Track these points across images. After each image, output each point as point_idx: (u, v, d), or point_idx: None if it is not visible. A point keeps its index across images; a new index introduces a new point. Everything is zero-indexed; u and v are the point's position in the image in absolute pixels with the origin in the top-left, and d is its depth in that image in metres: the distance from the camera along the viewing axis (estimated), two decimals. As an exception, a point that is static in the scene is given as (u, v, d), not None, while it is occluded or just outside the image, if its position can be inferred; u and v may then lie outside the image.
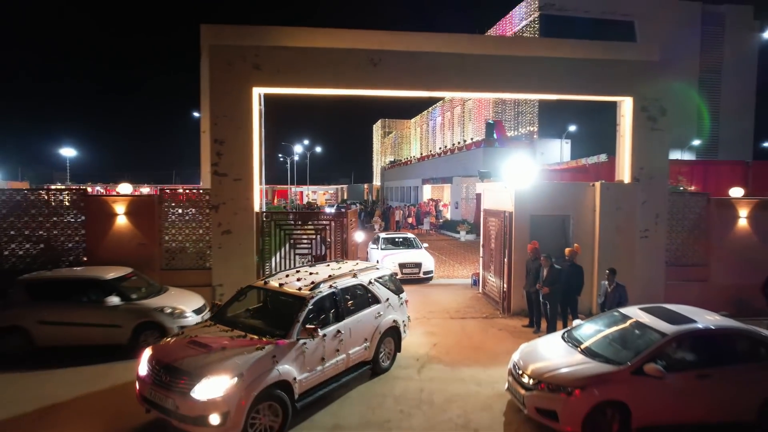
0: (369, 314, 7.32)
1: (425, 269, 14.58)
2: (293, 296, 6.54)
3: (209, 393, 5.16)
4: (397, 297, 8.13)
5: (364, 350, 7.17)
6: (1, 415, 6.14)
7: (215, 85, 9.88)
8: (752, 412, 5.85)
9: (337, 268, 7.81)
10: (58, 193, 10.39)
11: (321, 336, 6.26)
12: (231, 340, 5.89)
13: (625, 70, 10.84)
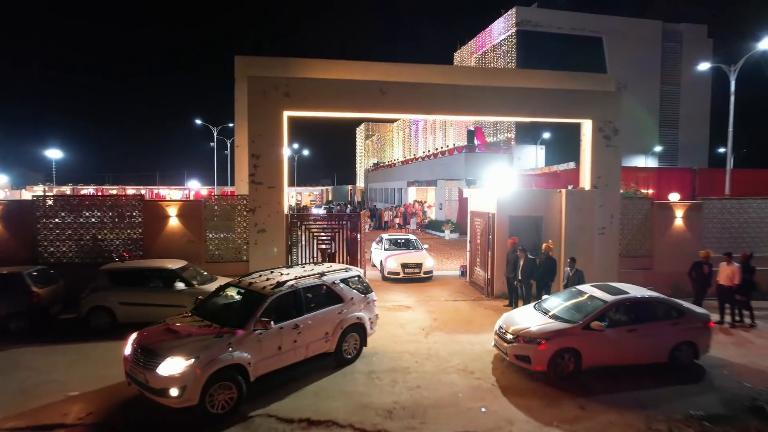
0: (331, 311, 8.09)
1: (425, 269, 15.32)
2: (257, 293, 7.51)
3: (170, 370, 6.20)
4: (364, 296, 8.77)
5: (325, 342, 7.97)
6: (93, 368, 8.05)
7: (252, 110, 11.87)
8: (665, 356, 8.20)
9: (310, 269, 8.72)
10: (118, 198, 12.22)
11: (278, 328, 7.15)
12: (198, 329, 6.96)
13: (586, 98, 13.22)
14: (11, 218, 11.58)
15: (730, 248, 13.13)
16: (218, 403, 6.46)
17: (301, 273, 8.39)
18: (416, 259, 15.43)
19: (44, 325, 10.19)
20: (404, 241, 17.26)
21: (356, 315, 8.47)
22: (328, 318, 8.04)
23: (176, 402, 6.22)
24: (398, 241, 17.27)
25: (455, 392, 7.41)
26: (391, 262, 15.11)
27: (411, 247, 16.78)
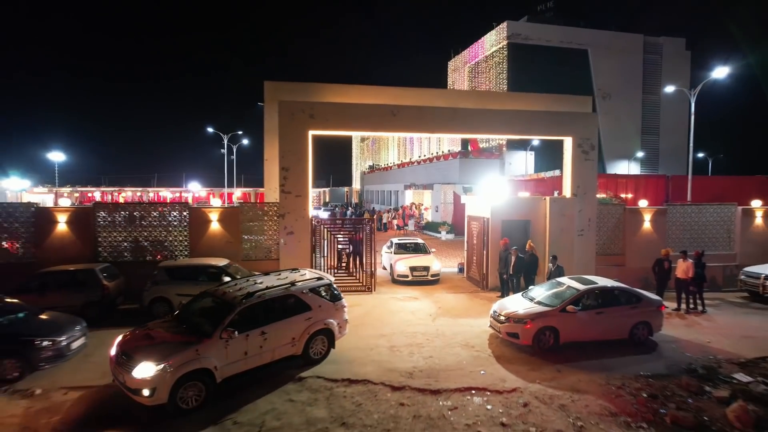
0: (298, 318, 8.68)
1: (433, 272, 15.97)
2: (227, 302, 8.18)
3: (142, 373, 6.92)
4: (333, 303, 9.34)
5: (291, 347, 8.59)
6: None
7: (282, 130, 13.76)
8: (626, 333, 10.23)
9: (284, 278, 9.29)
10: (169, 207, 14.07)
11: (244, 335, 7.83)
12: (172, 335, 7.70)
13: (567, 119, 15.26)
14: (77, 222, 13.38)
15: (691, 247, 15.29)
16: (188, 399, 7.24)
17: (273, 283, 8.94)
18: (424, 262, 16.11)
19: (111, 314, 12.03)
20: (413, 245, 17.79)
21: (324, 321, 9.03)
22: (294, 324, 8.64)
23: (148, 401, 6.96)
24: (407, 245, 17.83)
25: (460, 360, 9.38)
26: (400, 266, 15.91)
27: (419, 251, 17.37)
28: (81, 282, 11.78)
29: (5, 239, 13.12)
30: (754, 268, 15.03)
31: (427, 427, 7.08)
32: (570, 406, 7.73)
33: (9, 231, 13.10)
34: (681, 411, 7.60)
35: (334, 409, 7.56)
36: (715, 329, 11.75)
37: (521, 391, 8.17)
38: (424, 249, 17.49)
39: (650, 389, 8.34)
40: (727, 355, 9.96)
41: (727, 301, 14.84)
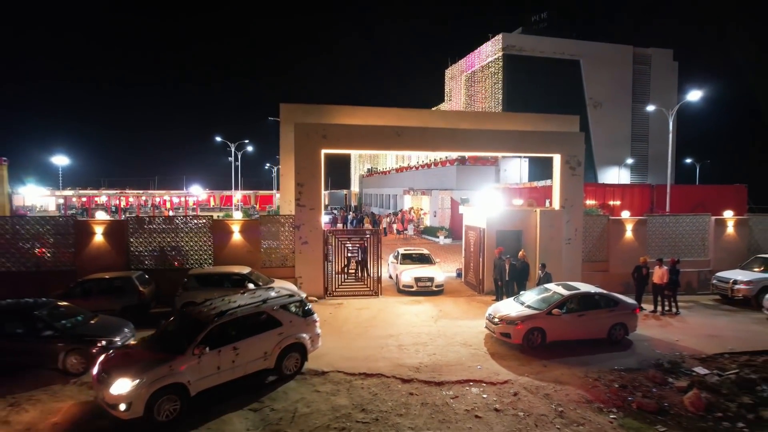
0: (270, 334, 9.08)
1: (437, 283, 16.29)
2: (200, 321, 8.58)
3: (119, 389, 7.39)
4: (304, 319, 9.75)
5: (264, 361, 8.98)
6: None
7: (298, 149, 15.11)
8: (604, 333, 11.62)
9: (258, 295, 9.72)
10: (193, 218, 15.39)
11: (216, 351, 8.25)
12: (149, 353, 8.16)
13: (556, 138, 16.68)
14: (112, 234, 14.69)
15: (669, 254, 16.75)
16: (164, 412, 7.69)
17: (246, 301, 9.37)
18: (428, 273, 16.42)
19: (146, 317, 13.33)
20: (418, 256, 18.00)
21: (296, 336, 9.46)
22: (266, 340, 9.04)
23: (125, 415, 7.41)
24: (413, 255, 17.99)
25: (460, 357, 10.77)
26: (405, 276, 16.21)
27: (424, 261, 17.61)
28: (119, 288, 13.09)
29: (48, 248, 14.42)
30: (725, 273, 16.49)
31: (433, 413, 8.45)
32: (553, 395, 9.12)
33: (52, 241, 14.41)
34: (646, 398, 9.00)
35: (354, 397, 8.92)
36: (684, 329, 13.18)
37: (512, 383, 9.55)
38: (429, 259, 17.76)
39: (622, 381, 9.74)
40: (691, 352, 11.38)
41: (700, 303, 16.29)
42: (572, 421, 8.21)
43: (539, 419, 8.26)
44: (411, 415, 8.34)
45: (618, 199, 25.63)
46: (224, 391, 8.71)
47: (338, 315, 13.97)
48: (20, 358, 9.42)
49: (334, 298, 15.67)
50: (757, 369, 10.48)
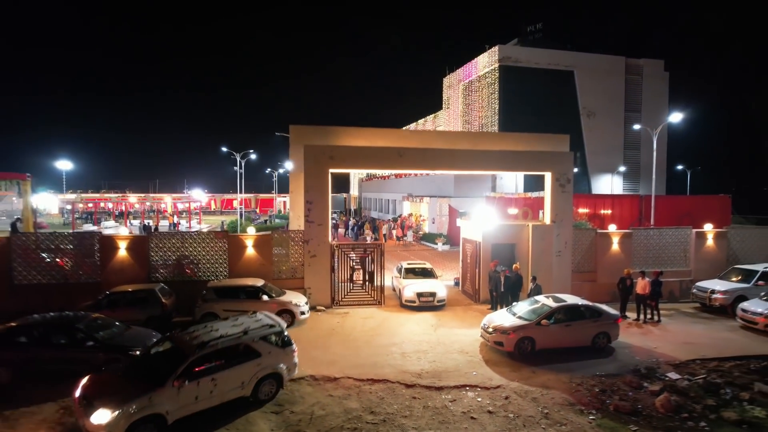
0: (248, 364, 9.32)
1: (439, 298, 16.59)
2: (182, 351, 8.85)
3: (100, 419, 7.62)
4: (282, 349, 9.94)
5: (241, 390, 9.25)
6: None
7: (307, 169, 16.22)
8: (589, 341, 12.75)
9: (239, 324, 9.85)
10: (210, 234, 16.48)
11: (195, 382, 8.52)
12: (130, 382, 8.46)
13: (547, 157, 17.83)
14: (135, 248, 15.78)
15: (653, 265, 17.95)
16: None
17: (227, 331, 9.52)
18: (431, 288, 16.68)
19: (169, 327, 14.41)
20: (421, 270, 18.28)
21: (274, 366, 9.69)
22: (244, 370, 9.30)
23: None
24: (416, 269, 18.26)
25: (457, 364, 11.90)
26: (408, 292, 16.58)
27: (427, 275, 17.89)
28: (144, 300, 14.17)
29: (75, 262, 15.50)
30: (704, 283, 17.67)
31: (434, 415, 9.57)
32: (540, 398, 10.25)
33: (80, 255, 15.50)
34: (622, 401, 10.14)
35: (364, 401, 10.04)
36: (663, 337, 14.34)
37: (504, 388, 10.69)
38: (431, 273, 18.06)
39: (602, 385, 10.88)
40: (666, 358, 12.54)
41: (681, 311, 17.45)
42: (556, 422, 9.34)
43: (527, 420, 9.39)
44: (414, 417, 9.46)
45: (609, 208, 26.79)
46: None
47: (345, 324, 15.08)
48: (66, 366, 10.48)
49: (341, 308, 16.78)
50: (723, 374, 11.63)
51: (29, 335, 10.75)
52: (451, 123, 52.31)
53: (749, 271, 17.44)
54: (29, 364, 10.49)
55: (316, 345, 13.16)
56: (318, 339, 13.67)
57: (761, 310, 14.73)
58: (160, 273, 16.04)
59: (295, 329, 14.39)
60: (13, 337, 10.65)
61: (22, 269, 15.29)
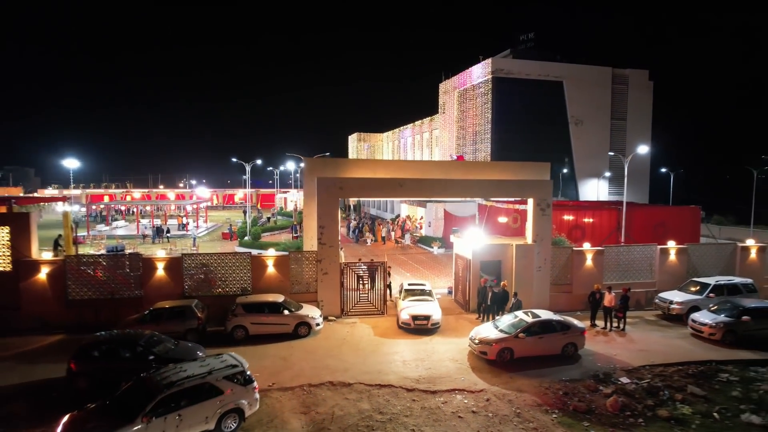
0: (212, 401, 10.42)
1: (433, 321, 17.34)
2: (151, 391, 9.99)
3: None
4: (244, 387, 10.97)
5: (205, 423, 10.31)
6: (253, 360, 14.79)
7: (320, 198, 18.49)
8: (559, 350, 15.20)
9: (206, 365, 11.12)
10: (236, 255, 18.79)
11: (162, 418, 9.60)
12: (105, 419, 9.56)
13: (530, 185, 20.15)
14: (171, 267, 18.09)
15: (623, 277, 20.46)
16: None
17: (194, 371, 10.77)
18: (425, 311, 17.47)
19: (203, 337, 16.77)
20: (420, 290, 19.08)
21: (235, 402, 10.75)
22: (208, 407, 10.41)
23: None
24: (414, 290, 19.06)
25: (449, 370, 14.35)
26: (404, 315, 17.50)
27: (425, 295, 18.72)
28: (182, 314, 16.50)
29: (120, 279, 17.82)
30: (665, 294, 20.18)
31: (429, 414, 12.02)
32: (514, 400, 12.72)
33: (125, 274, 17.81)
34: (580, 402, 12.62)
35: (373, 403, 12.47)
36: (624, 344, 16.84)
37: (486, 391, 13.15)
38: (429, 293, 18.91)
39: (565, 389, 13.36)
40: (622, 364, 15.03)
41: (645, 319, 19.96)
42: (525, 420, 11.82)
43: (502, 419, 11.86)
44: (414, 416, 11.91)
45: (589, 218, 29.09)
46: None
47: (354, 333, 17.50)
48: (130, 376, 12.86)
49: (349, 317, 19.19)
50: (665, 378, 14.15)
51: (100, 350, 13.11)
52: (446, 127, 54.47)
53: (703, 284, 19.96)
54: (101, 374, 12.85)
55: (330, 354, 15.57)
56: (332, 348, 16.07)
57: (707, 320, 17.24)
58: (193, 289, 18.35)
59: (311, 339, 16.83)
60: (87, 352, 13.01)
61: (75, 286, 17.59)
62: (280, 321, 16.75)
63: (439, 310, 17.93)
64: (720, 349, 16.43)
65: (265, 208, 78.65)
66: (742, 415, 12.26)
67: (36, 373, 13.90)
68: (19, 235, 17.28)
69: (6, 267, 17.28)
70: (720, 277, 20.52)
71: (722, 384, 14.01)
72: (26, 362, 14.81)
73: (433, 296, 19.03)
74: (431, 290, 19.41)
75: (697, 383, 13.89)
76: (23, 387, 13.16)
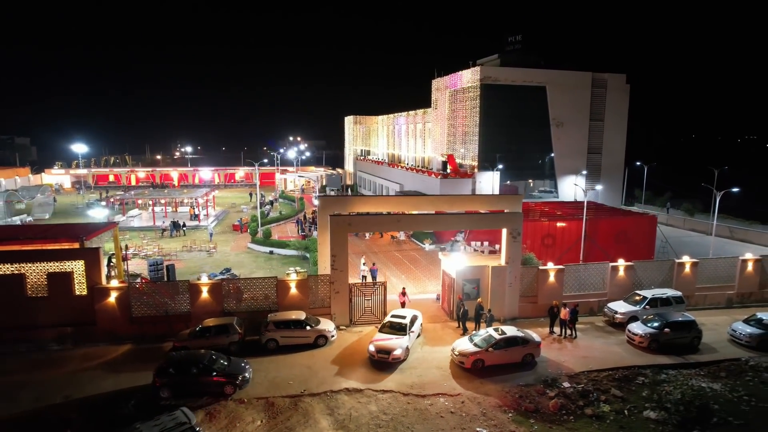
0: None
1: (394, 356, 18.99)
2: None
3: None
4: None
5: None
6: (275, 372, 19.12)
7: (333, 232, 22.36)
8: (519, 359, 19.61)
9: (160, 423, 13.43)
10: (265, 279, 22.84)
11: None
12: None
13: (503, 217, 24.13)
14: (212, 290, 22.10)
15: (580, 290, 24.79)
16: None
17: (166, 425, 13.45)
18: (389, 346, 19.23)
19: (243, 348, 20.96)
20: (398, 325, 20.50)
21: None
22: None
23: None
24: (393, 323, 20.70)
25: (435, 377, 18.71)
26: (370, 346, 19.70)
27: (400, 331, 20.16)
28: (226, 329, 20.65)
29: (172, 301, 21.87)
30: (612, 304, 24.60)
31: (419, 414, 16.39)
32: (482, 402, 17.17)
33: (176, 296, 21.85)
34: (530, 404, 17.07)
35: (379, 405, 16.85)
36: (572, 351, 21.30)
37: (462, 395, 17.58)
38: (405, 328, 20.28)
39: (521, 392, 17.81)
40: (567, 370, 19.50)
41: (595, 325, 24.43)
42: (489, 419, 16.28)
43: (473, 418, 16.32)
44: (409, 416, 16.33)
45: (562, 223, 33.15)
46: None
47: (362, 342, 21.64)
48: (199, 388, 17.11)
49: (357, 326, 23.43)
50: (596, 382, 18.64)
51: (174, 368, 17.31)
52: (438, 122, 57.69)
53: (642, 296, 24.38)
54: (177, 386, 17.09)
55: (344, 363, 19.85)
56: (345, 358, 20.33)
57: (639, 331, 21.69)
58: (231, 307, 22.48)
59: (327, 348, 21.08)
60: (165, 369, 17.20)
61: (138, 306, 21.65)
62: (303, 335, 20.99)
63: (405, 346, 19.46)
64: (645, 355, 20.94)
65: (264, 185, 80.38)
66: (644, 412, 16.81)
67: (122, 382, 18.12)
68: (91, 267, 21.14)
69: (83, 292, 21.23)
70: (656, 290, 24.91)
71: (638, 386, 18.53)
72: (111, 371, 19.03)
73: (416, 323, 21.21)
74: (412, 321, 20.99)
75: (619, 386, 18.42)
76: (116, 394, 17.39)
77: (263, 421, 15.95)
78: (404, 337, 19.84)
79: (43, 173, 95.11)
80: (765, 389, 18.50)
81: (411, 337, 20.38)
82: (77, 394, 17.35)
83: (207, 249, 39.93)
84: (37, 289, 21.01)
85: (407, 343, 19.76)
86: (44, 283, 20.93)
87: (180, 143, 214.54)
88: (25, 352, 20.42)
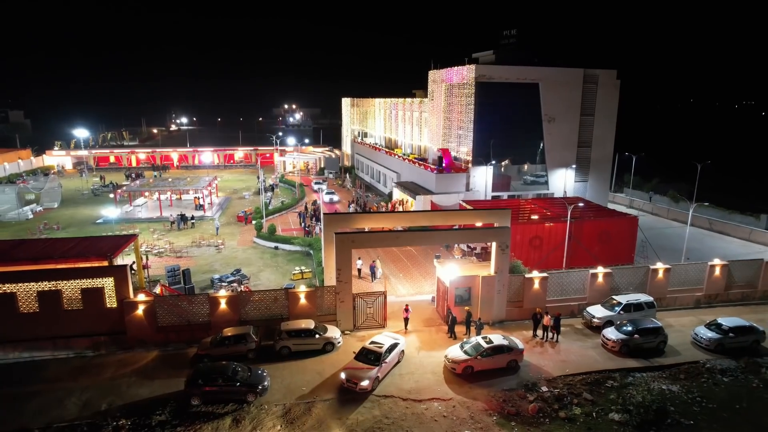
0: None
1: (361, 387, 19.91)
2: None
3: None
4: None
5: None
6: (289, 378, 21.57)
7: (338, 249, 24.41)
8: (504, 365, 22.16)
9: None
10: (275, 292, 25.02)
11: None
12: None
13: (494, 231, 26.20)
14: (230, 302, 24.32)
15: (562, 296, 27.16)
16: None
17: None
18: (356, 376, 20.18)
19: (260, 355, 23.32)
20: (373, 355, 21.16)
21: None
22: None
23: None
24: (368, 352, 21.38)
25: (430, 382, 21.19)
26: (342, 373, 20.65)
27: (373, 362, 20.83)
28: (244, 338, 22.96)
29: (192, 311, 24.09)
30: (590, 308, 27.03)
31: (416, 418, 18.90)
32: (471, 406, 19.69)
33: (197, 308, 24.06)
34: (512, 407, 19.60)
35: (381, 410, 19.33)
36: (552, 355, 23.81)
37: (453, 400, 20.09)
38: (379, 358, 20.99)
39: (504, 397, 20.35)
40: (546, 374, 22.01)
41: (575, 327, 26.90)
42: (476, 422, 18.84)
43: (462, 421, 18.86)
44: (407, 420, 18.84)
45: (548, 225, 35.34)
46: (324, 410, 19.16)
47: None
48: (224, 396, 19.49)
49: (360, 331, 25.81)
50: (571, 386, 21.19)
51: (203, 378, 19.67)
52: (434, 113, 58.87)
53: (617, 301, 26.81)
54: (206, 395, 19.49)
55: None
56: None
57: (612, 336, 24.19)
58: (247, 316, 24.74)
59: (334, 354, 23.43)
60: (195, 380, 19.56)
61: (162, 315, 23.88)
62: (313, 342, 23.34)
63: (374, 377, 20.30)
64: (616, 358, 23.49)
65: (264, 165, 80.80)
66: (610, 414, 19.42)
67: (156, 389, 20.51)
68: (120, 282, 23.23)
69: (113, 305, 23.40)
70: (630, 296, 27.30)
71: (607, 389, 21.11)
72: (145, 377, 21.40)
73: (394, 351, 21.81)
74: (390, 349, 21.70)
75: (590, 389, 20.98)
76: (152, 400, 19.78)
77: (282, 425, 18.42)
78: (374, 369, 20.50)
79: (44, 155, 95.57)
80: (715, 390, 21.13)
81: (384, 368, 21.06)
82: (118, 401, 19.73)
83: (216, 244, 41.95)
84: (72, 302, 23.13)
85: (376, 374, 20.50)
86: (78, 297, 23.03)
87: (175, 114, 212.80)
88: (66, 358, 22.74)
